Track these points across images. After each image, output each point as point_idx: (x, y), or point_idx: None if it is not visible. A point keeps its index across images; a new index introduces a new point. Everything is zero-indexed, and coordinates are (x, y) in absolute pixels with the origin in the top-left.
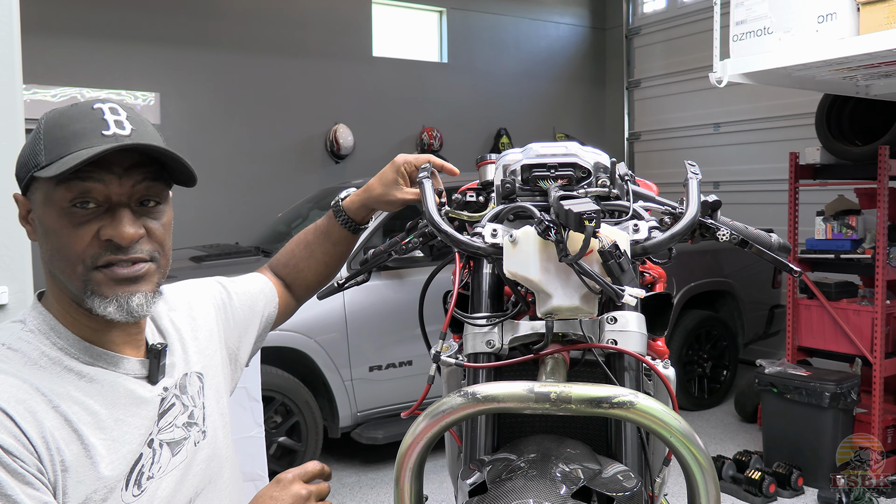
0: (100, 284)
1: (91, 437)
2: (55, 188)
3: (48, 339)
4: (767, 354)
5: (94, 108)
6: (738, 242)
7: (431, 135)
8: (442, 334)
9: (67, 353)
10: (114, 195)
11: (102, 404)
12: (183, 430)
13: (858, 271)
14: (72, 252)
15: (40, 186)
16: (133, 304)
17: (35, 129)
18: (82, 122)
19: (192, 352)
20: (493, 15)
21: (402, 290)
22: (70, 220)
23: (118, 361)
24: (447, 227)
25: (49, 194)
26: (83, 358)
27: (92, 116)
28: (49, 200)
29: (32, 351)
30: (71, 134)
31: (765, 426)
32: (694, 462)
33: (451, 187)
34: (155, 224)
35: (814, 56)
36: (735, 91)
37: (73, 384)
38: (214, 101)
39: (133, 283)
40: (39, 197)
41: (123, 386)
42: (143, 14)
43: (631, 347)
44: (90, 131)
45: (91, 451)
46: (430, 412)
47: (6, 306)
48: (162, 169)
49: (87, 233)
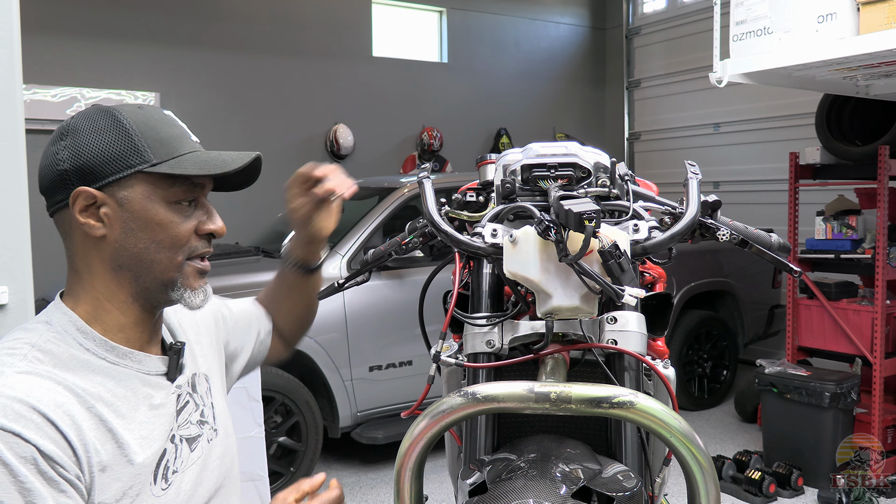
0: (188, 276)
1: (124, 434)
2: (170, 185)
3: (75, 340)
4: (767, 354)
5: (166, 114)
6: (738, 242)
7: (431, 135)
8: (442, 334)
9: (94, 353)
10: (202, 195)
11: (130, 403)
12: (197, 427)
13: (858, 271)
14: (178, 242)
15: (142, 182)
16: (209, 293)
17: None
18: (169, 126)
19: (198, 354)
20: (493, 15)
21: (402, 290)
22: (177, 214)
23: (142, 360)
24: (447, 227)
25: (157, 190)
26: (109, 358)
27: (173, 122)
28: (156, 196)
29: (62, 353)
30: (169, 137)
31: (765, 426)
32: (694, 462)
33: (451, 187)
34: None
35: (814, 56)
36: (735, 91)
37: (101, 384)
38: (214, 101)
39: (206, 275)
40: (140, 192)
41: (147, 383)
42: (143, 14)
43: (631, 347)
44: (182, 136)
45: (125, 448)
46: (430, 412)
47: (6, 306)
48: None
49: (190, 225)
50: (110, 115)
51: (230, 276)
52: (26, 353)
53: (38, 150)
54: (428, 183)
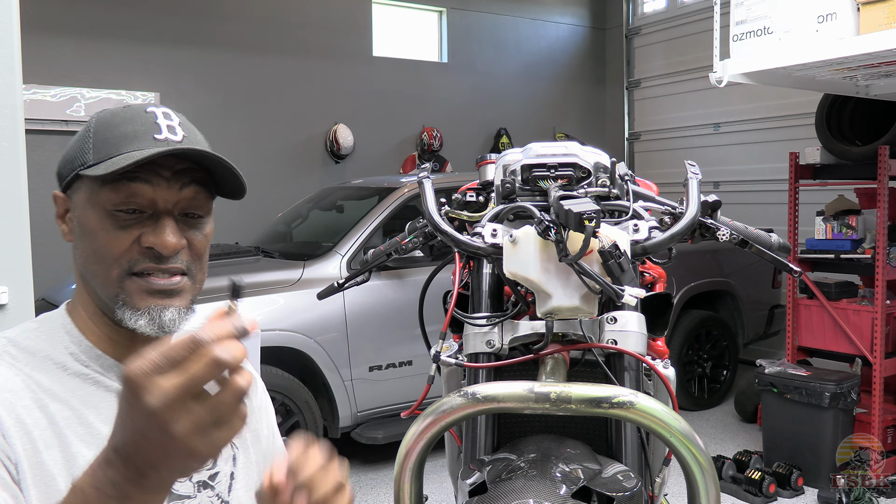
0: (132, 294)
1: (77, 447)
2: (101, 188)
3: (61, 343)
4: (767, 354)
5: (148, 111)
6: (738, 242)
7: (431, 135)
8: (442, 334)
9: (77, 359)
10: (160, 201)
11: (98, 417)
12: (191, 487)
13: (858, 271)
14: (109, 255)
15: (84, 186)
16: (165, 319)
17: (84, 128)
18: (134, 124)
19: None
20: (493, 15)
21: (402, 290)
22: (112, 222)
23: None
24: (447, 227)
25: (94, 194)
26: (93, 366)
27: (144, 119)
28: (93, 201)
29: (40, 352)
30: (121, 135)
31: (765, 426)
32: (694, 462)
33: (451, 187)
34: (197, 235)
35: (814, 56)
36: (735, 91)
37: (72, 391)
38: (214, 101)
39: (167, 296)
40: (82, 196)
41: None
42: (143, 14)
43: (631, 347)
44: (142, 134)
45: (72, 462)
46: (430, 412)
47: (6, 306)
48: (209, 178)
49: (127, 237)
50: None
51: (230, 276)
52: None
53: (37, 150)
54: (428, 183)
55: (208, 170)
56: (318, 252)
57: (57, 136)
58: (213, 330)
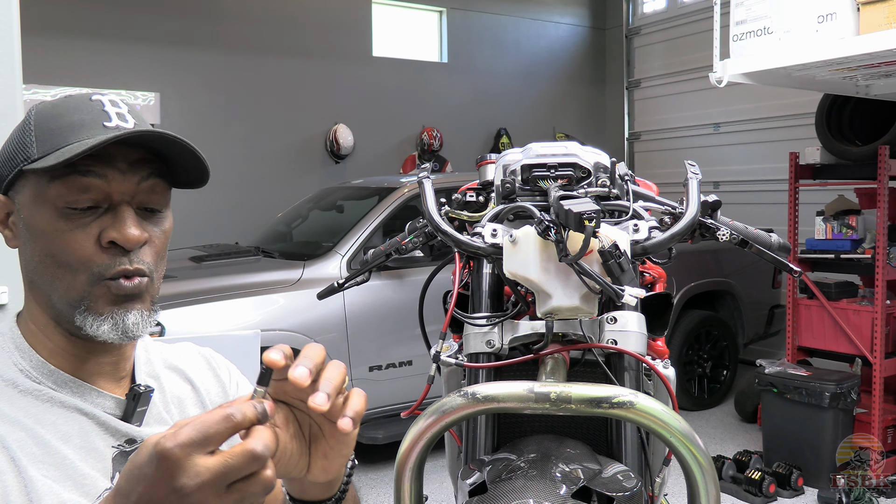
0: (97, 300)
1: (33, 470)
2: (49, 184)
3: (10, 359)
4: (767, 354)
5: (93, 99)
6: (738, 242)
7: (431, 135)
8: (442, 334)
9: (28, 375)
10: (115, 193)
11: (55, 435)
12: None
13: (858, 271)
14: (72, 258)
15: (29, 183)
16: (129, 323)
17: (23, 122)
18: (80, 112)
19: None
20: (493, 15)
21: (402, 290)
22: (67, 221)
23: (87, 392)
24: (447, 227)
25: (41, 192)
26: (46, 383)
27: (91, 107)
28: (41, 199)
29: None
30: (67, 125)
31: (765, 426)
32: (694, 462)
33: (451, 187)
34: (156, 231)
35: (814, 56)
36: (735, 91)
37: (24, 410)
38: (214, 101)
39: (130, 300)
40: (27, 195)
41: (87, 419)
42: (143, 14)
43: (631, 347)
44: (90, 122)
45: (30, 486)
46: (430, 412)
47: (6, 306)
48: (166, 168)
49: (86, 236)
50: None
51: (230, 276)
52: None
53: None
54: (428, 183)
55: (165, 159)
56: (318, 252)
57: None
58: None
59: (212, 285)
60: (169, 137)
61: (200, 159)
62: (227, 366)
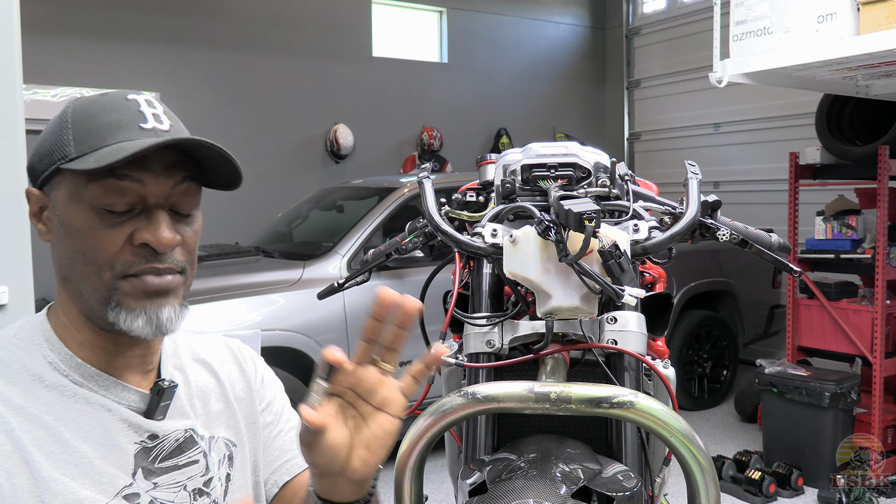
0: (126, 295)
1: (50, 469)
2: (87, 184)
3: (39, 352)
4: (767, 354)
5: (129, 98)
6: (738, 242)
7: (431, 135)
8: (442, 334)
9: (56, 368)
10: (150, 196)
11: (75, 434)
12: (187, 496)
13: (858, 271)
14: (101, 256)
15: (66, 181)
16: (163, 318)
17: (59, 119)
18: (117, 112)
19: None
20: (493, 15)
21: (402, 290)
22: (101, 220)
23: (112, 387)
24: (447, 227)
25: (77, 191)
26: (72, 376)
27: (127, 108)
28: (77, 198)
29: (15, 362)
30: (105, 125)
31: (765, 426)
32: (694, 462)
33: (451, 187)
34: (188, 231)
35: (814, 56)
36: (735, 91)
37: (47, 406)
38: (214, 101)
39: (162, 295)
40: (63, 193)
41: (109, 416)
42: (143, 14)
43: (631, 347)
44: (127, 123)
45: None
46: (430, 412)
47: (6, 306)
48: (198, 170)
49: (119, 236)
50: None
51: (229, 276)
52: None
53: None
54: (428, 183)
55: (197, 161)
56: (318, 252)
57: None
58: None
59: (212, 285)
60: (206, 144)
61: (235, 165)
62: (254, 359)
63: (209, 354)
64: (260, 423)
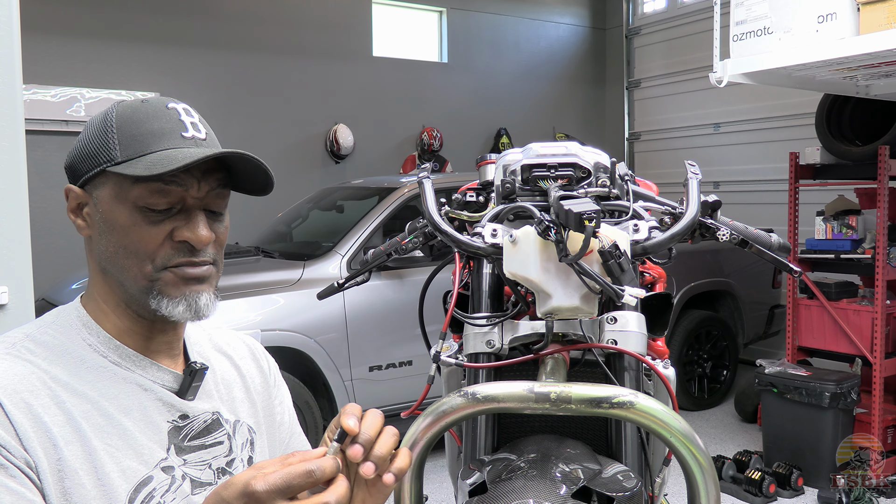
0: (168, 285)
1: (96, 440)
2: (133, 186)
3: (79, 335)
4: (767, 354)
5: (169, 107)
6: (738, 242)
7: (431, 135)
8: (442, 334)
9: (95, 349)
10: (189, 198)
11: (117, 408)
12: (212, 474)
13: (858, 271)
14: (143, 250)
15: (110, 181)
16: (201, 304)
17: (102, 123)
18: (159, 121)
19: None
20: (493, 15)
21: (402, 290)
22: (144, 217)
23: (147, 367)
24: (447, 227)
25: (123, 191)
26: (111, 357)
27: (168, 116)
28: (122, 197)
29: (59, 345)
30: (149, 132)
31: (765, 426)
32: (694, 462)
33: (451, 187)
34: (220, 228)
35: (814, 56)
36: (735, 91)
37: (90, 383)
38: (214, 101)
39: (200, 282)
40: (108, 192)
41: (146, 394)
42: (143, 14)
43: (631, 347)
44: (169, 132)
45: (93, 455)
46: (430, 412)
47: (6, 306)
48: (229, 175)
49: (160, 232)
50: (106, 109)
51: (229, 276)
52: (16, 341)
53: (37, 150)
54: (428, 183)
55: (229, 168)
56: (318, 252)
57: (57, 137)
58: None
59: None
60: (248, 158)
61: (269, 175)
62: (268, 359)
63: (230, 348)
64: (276, 421)
